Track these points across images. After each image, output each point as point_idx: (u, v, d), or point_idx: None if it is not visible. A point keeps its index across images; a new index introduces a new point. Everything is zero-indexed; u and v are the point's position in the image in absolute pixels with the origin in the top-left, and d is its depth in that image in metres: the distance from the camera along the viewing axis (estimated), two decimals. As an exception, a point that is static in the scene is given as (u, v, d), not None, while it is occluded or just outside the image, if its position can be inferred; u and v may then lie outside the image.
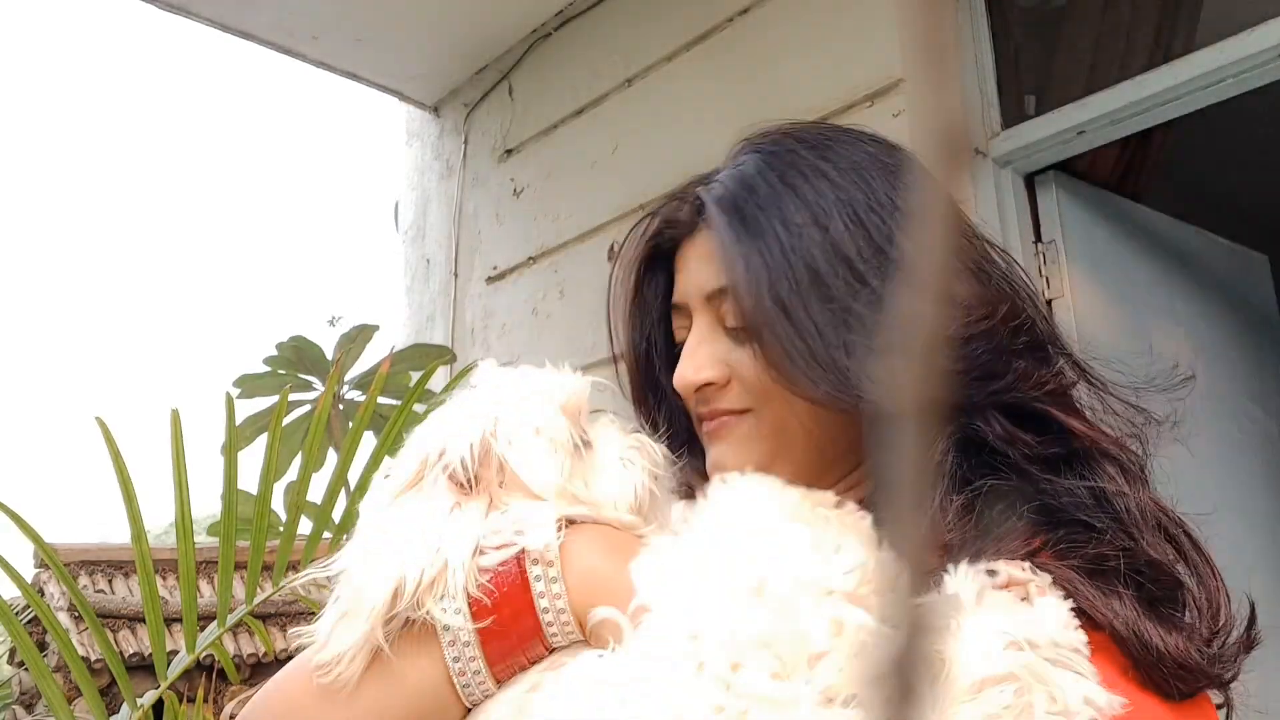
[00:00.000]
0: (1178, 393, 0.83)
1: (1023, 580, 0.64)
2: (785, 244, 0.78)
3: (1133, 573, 0.69)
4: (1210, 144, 2.96)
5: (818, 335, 0.75)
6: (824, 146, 0.84)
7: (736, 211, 0.82)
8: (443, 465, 0.75)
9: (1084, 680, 0.59)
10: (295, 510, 1.81)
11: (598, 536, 0.73)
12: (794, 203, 0.80)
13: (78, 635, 4.84)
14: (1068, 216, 2.18)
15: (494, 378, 0.81)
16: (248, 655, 5.15)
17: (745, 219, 0.81)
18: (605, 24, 2.89)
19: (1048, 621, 0.60)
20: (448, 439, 0.76)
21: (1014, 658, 0.57)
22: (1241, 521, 2.34)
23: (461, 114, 3.35)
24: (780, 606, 0.60)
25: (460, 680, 0.69)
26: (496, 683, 0.70)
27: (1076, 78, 2.22)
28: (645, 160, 2.64)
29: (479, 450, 0.75)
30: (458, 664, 0.69)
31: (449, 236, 3.32)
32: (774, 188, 0.82)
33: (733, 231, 0.81)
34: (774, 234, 0.79)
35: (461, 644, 0.69)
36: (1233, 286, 2.62)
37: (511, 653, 0.69)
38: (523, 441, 0.75)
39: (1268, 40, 1.84)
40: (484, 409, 0.78)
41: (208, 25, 3.04)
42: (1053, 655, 0.59)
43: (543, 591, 0.69)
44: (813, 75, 2.31)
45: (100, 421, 1.66)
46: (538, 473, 0.74)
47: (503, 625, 0.69)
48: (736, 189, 0.83)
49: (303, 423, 3.51)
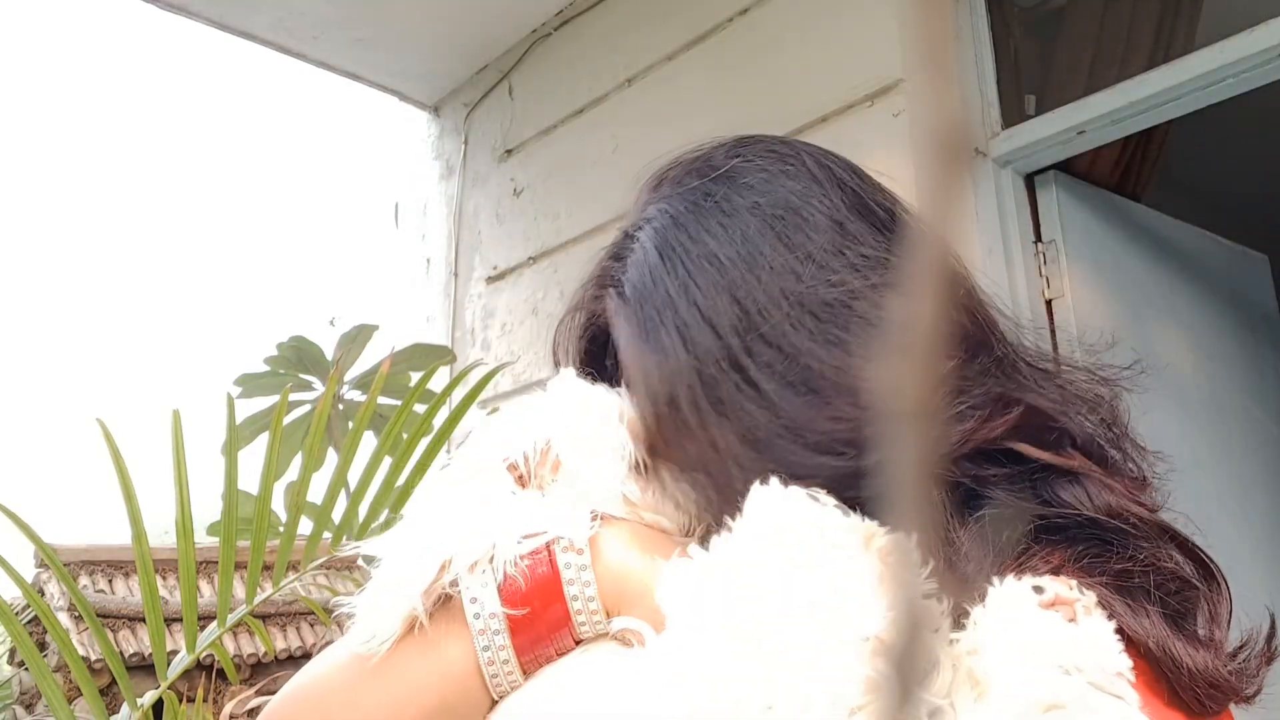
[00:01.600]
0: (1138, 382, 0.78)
1: (1070, 600, 0.60)
2: (676, 352, 0.73)
3: (1155, 587, 0.66)
4: (1210, 144, 2.96)
5: (711, 447, 0.72)
6: (721, 203, 0.77)
7: (631, 320, 0.78)
8: (502, 458, 0.76)
9: (1127, 708, 0.56)
10: (296, 510, 1.81)
11: (629, 531, 0.73)
12: (683, 299, 0.74)
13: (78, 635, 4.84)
14: (1068, 216, 2.18)
15: (566, 387, 0.81)
16: (248, 655, 5.14)
17: (641, 323, 0.76)
18: (605, 24, 2.90)
19: (1094, 644, 0.57)
20: (513, 436, 0.77)
21: (1062, 683, 0.55)
22: (1241, 521, 2.34)
23: (461, 114, 3.35)
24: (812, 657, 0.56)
25: (489, 670, 0.69)
26: (524, 674, 0.70)
27: (1076, 78, 2.23)
28: (645, 160, 2.64)
29: (539, 448, 0.75)
30: (487, 653, 0.69)
31: (449, 236, 3.32)
32: (663, 280, 0.76)
33: (630, 344, 0.77)
34: (667, 339, 0.74)
35: (492, 632, 0.69)
36: (1233, 286, 2.62)
37: (540, 642, 0.69)
38: (584, 448, 0.76)
39: (1268, 40, 1.84)
40: (552, 414, 0.78)
41: (208, 25, 3.04)
42: (1098, 680, 0.56)
43: (572, 579, 0.69)
44: (813, 75, 2.31)
45: (100, 422, 1.66)
46: (591, 479, 0.75)
47: (534, 614, 0.69)
48: (631, 288, 0.79)
49: (303, 423, 3.51)
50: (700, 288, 0.74)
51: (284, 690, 0.77)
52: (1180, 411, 2.30)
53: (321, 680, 0.75)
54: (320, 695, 0.75)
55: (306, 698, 0.75)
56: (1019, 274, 2.09)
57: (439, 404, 1.87)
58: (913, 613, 0.21)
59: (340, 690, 0.73)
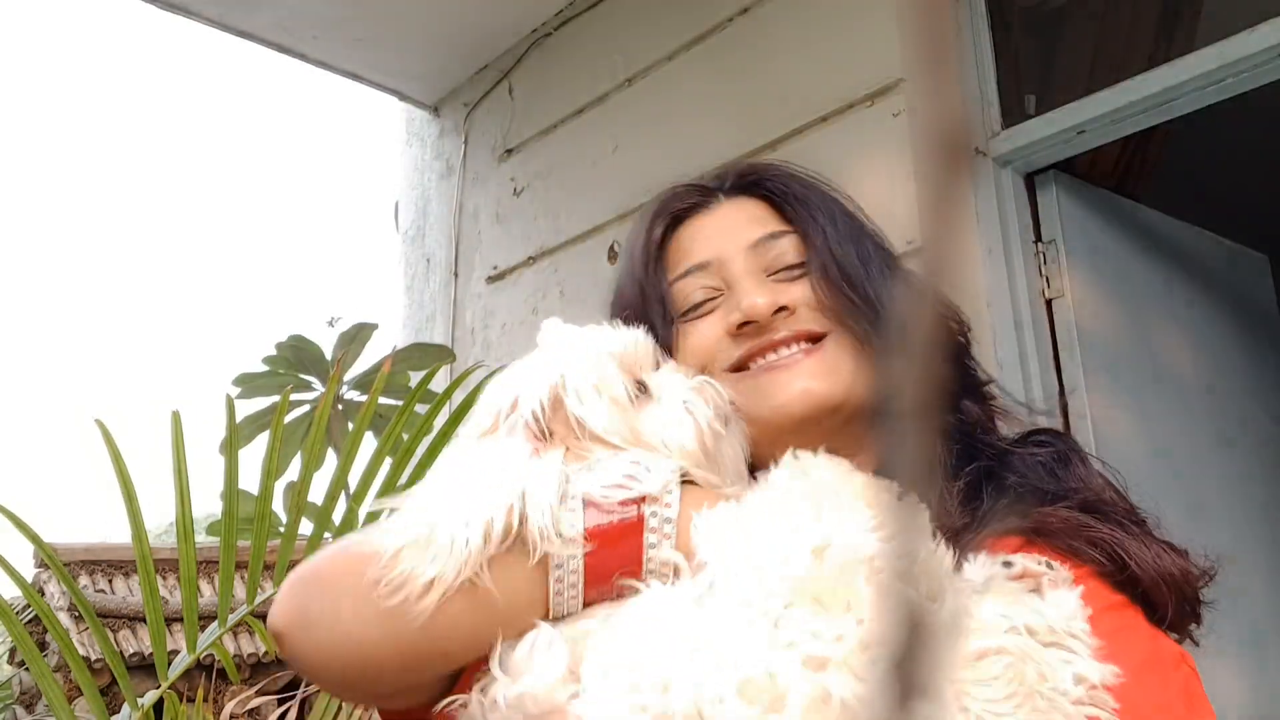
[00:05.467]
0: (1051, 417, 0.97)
1: (1037, 573, 0.70)
2: (831, 204, 0.94)
3: (1115, 511, 0.80)
4: (1210, 144, 2.96)
5: (866, 276, 0.88)
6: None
7: (789, 178, 0.96)
8: (516, 417, 0.79)
9: (1078, 659, 0.65)
10: (296, 510, 1.81)
11: (708, 497, 0.78)
12: (823, 187, 0.97)
13: (78, 635, 4.84)
14: (1068, 216, 2.18)
15: (558, 335, 0.85)
16: (248, 655, 5.14)
17: (801, 182, 0.96)
18: (605, 24, 2.90)
19: (1053, 611, 0.67)
20: (519, 393, 0.80)
21: (1009, 640, 0.65)
22: (1241, 520, 2.34)
23: (461, 114, 3.35)
24: (837, 571, 0.65)
25: (555, 588, 0.73)
26: (584, 604, 0.73)
27: (1076, 77, 2.23)
28: (645, 160, 2.64)
29: (549, 403, 0.79)
30: (559, 585, 0.73)
31: (449, 236, 3.32)
32: (800, 175, 0.98)
33: (796, 184, 0.95)
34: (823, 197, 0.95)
35: (568, 555, 0.73)
36: (1233, 286, 2.62)
37: (611, 570, 0.73)
38: (587, 396, 0.80)
39: (1268, 40, 1.84)
40: (550, 365, 0.82)
41: (208, 25, 3.04)
42: (1049, 639, 0.65)
43: (655, 528, 0.74)
44: (813, 75, 2.31)
45: (100, 422, 1.66)
46: (605, 424, 0.79)
47: (610, 542, 0.73)
48: (771, 167, 0.98)
49: (303, 422, 3.51)
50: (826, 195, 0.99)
51: (287, 592, 0.78)
52: (1180, 411, 2.31)
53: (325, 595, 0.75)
54: (321, 616, 0.75)
55: (307, 608, 0.76)
56: (1019, 274, 2.09)
57: (440, 404, 1.87)
58: (913, 612, 0.21)
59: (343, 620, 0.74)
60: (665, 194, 0.99)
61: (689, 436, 0.80)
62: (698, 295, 0.91)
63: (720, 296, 0.91)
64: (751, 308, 0.86)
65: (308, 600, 0.77)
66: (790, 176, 0.96)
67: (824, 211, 0.92)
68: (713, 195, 0.97)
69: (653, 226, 0.96)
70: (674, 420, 0.80)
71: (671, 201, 0.98)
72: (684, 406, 0.81)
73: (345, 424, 3.49)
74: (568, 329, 0.85)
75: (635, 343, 0.84)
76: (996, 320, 2.02)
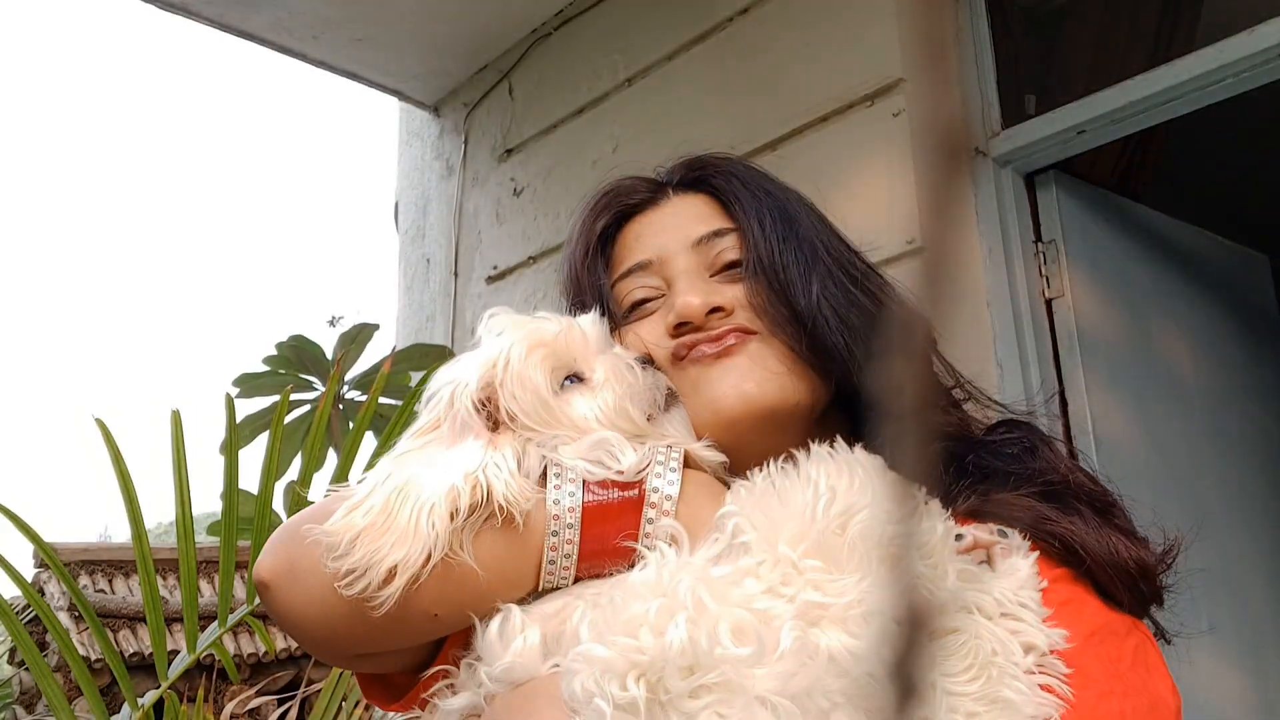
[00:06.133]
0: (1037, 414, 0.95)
1: (988, 543, 0.71)
2: (779, 203, 0.91)
3: (1078, 496, 0.80)
4: (1210, 144, 2.96)
5: (802, 280, 0.87)
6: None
7: (733, 175, 0.94)
8: (475, 404, 0.80)
9: (1026, 628, 0.68)
10: (296, 510, 1.81)
11: (707, 481, 0.81)
12: (771, 184, 0.94)
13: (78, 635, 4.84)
14: (1068, 216, 2.18)
15: (497, 326, 0.85)
16: (248, 655, 5.14)
17: (744, 180, 0.93)
18: (605, 24, 2.90)
19: (1003, 583, 0.69)
20: (455, 388, 0.81)
21: (961, 619, 0.67)
22: (1241, 520, 2.34)
23: (461, 114, 3.35)
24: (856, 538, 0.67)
25: (549, 557, 0.74)
26: (575, 579, 0.74)
27: (1076, 77, 2.23)
28: (645, 160, 2.63)
29: (484, 396, 0.80)
30: (553, 554, 0.74)
31: (449, 236, 3.32)
32: (752, 169, 0.96)
33: (737, 182, 0.93)
34: (769, 194, 0.92)
35: (565, 525, 0.74)
36: (1233, 286, 2.62)
37: (608, 543, 0.74)
38: (510, 388, 0.80)
39: (1268, 40, 1.84)
40: (484, 359, 0.83)
41: (208, 25, 3.04)
42: (996, 612, 0.68)
43: (655, 504, 0.75)
44: (813, 75, 2.31)
45: (100, 422, 1.66)
46: (529, 414, 0.80)
47: (608, 517, 0.74)
48: (721, 162, 0.96)
49: (303, 422, 3.51)
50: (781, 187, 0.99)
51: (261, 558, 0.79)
52: (1180, 411, 2.30)
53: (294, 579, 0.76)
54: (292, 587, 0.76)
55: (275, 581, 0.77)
56: (1019, 274, 2.09)
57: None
58: (913, 611, 0.21)
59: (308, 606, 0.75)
60: (611, 186, 0.98)
61: (620, 422, 0.81)
62: (638, 294, 0.92)
63: (662, 296, 0.91)
64: (685, 307, 0.87)
65: (296, 551, 0.77)
66: (735, 174, 0.95)
67: (769, 210, 0.90)
68: (662, 190, 0.97)
69: (595, 221, 0.96)
70: (604, 406, 0.81)
71: (618, 196, 0.97)
72: (615, 393, 0.82)
73: (345, 424, 3.49)
74: (510, 319, 0.85)
75: (576, 330, 0.84)
76: (996, 320, 2.02)
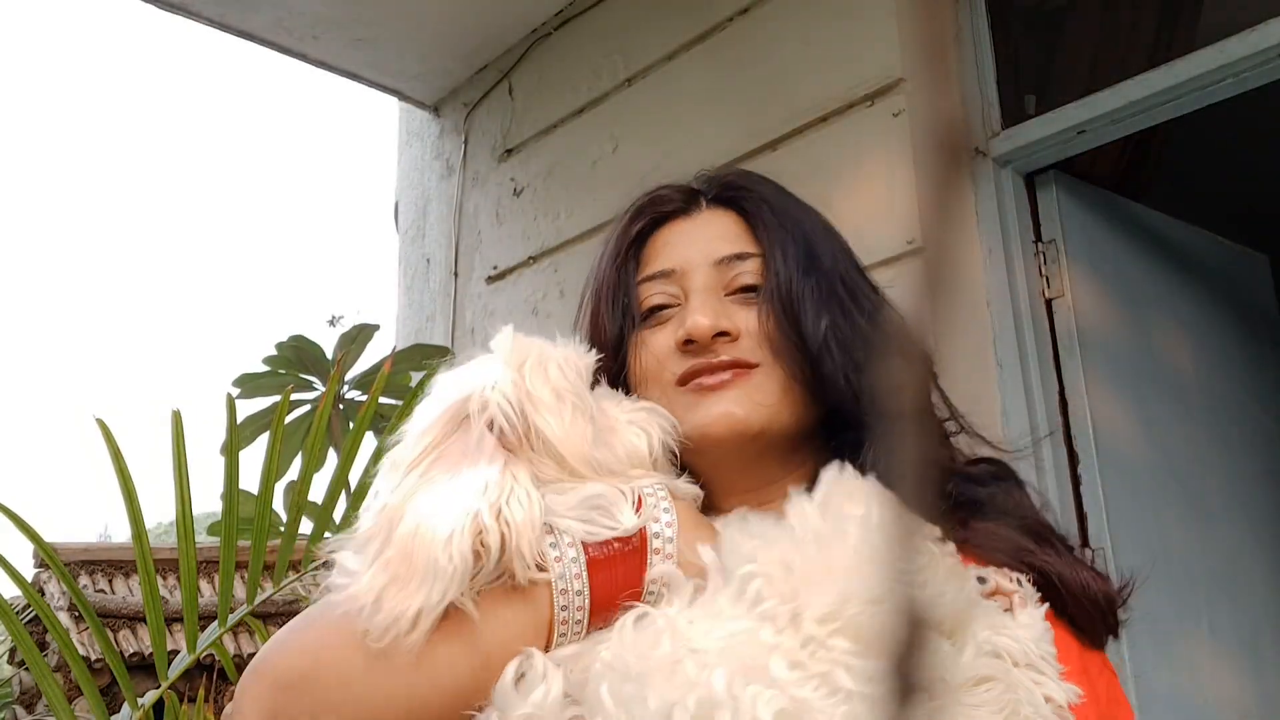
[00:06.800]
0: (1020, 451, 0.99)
1: (1009, 591, 0.73)
2: (805, 233, 0.92)
3: (1051, 532, 0.85)
4: (1210, 144, 2.96)
5: (816, 318, 0.87)
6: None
7: (764, 201, 0.95)
8: (486, 422, 0.77)
9: (1047, 681, 0.69)
10: (296, 510, 1.81)
11: (688, 512, 0.81)
12: (800, 211, 0.95)
13: (78, 635, 4.85)
14: (1068, 216, 2.18)
15: (513, 343, 0.83)
16: (248, 655, 5.13)
17: (773, 207, 0.94)
18: (605, 24, 2.90)
19: (1026, 634, 0.70)
20: (486, 398, 0.78)
21: (994, 665, 0.68)
22: (1241, 520, 2.34)
23: (461, 114, 3.35)
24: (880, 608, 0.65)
25: (560, 617, 0.73)
26: (587, 634, 0.74)
27: (1077, 77, 2.22)
28: (645, 160, 2.64)
29: (518, 411, 0.78)
30: (564, 597, 0.73)
31: (449, 236, 3.32)
32: (783, 194, 0.97)
33: (767, 208, 0.94)
34: (796, 224, 0.93)
35: (573, 592, 0.73)
36: (1233, 286, 2.62)
37: (617, 594, 0.73)
38: (552, 407, 0.79)
39: (1268, 40, 1.84)
40: (511, 372, 0.80)
41: (208, 25, 3.04)
42: (1024, 663, 0.69)
43: (658, 549, 0.75)
44: (813, 75, 2.31)
45: (100, 422, 1.66)
46: (569, 440, 0.78)
47: (613, 565, 0.74)
48: (754, 185, 0.97)
49: (303, 423, 3.51)
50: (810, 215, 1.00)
51: (271, 657, 0.75)
52: (1180, 411, 2.30)
53: (320, 664, 0.72)
54: (317, 679, 0.72)
55: (299, 681, 0.72)
56: (1019, 274, 2.09)
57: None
58: (913, 611, 0.21)
59: (341, 681, 0.71)
60: (653, 192, 1.00)
61: (643, 452, 0.81)
62: (657, 299, 0.93)
63: (678, 306, 0.92)
64: (694, 326, 0.87)
65: (313, 638, 0.75)
66: (766, 198, 0.96)
67: (794, 239, 0.91)
68: (696, 202, 0.98)
69: (632, 223, 0.98)
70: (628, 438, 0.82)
71: (656, 203, 0.99)
72: (629, 425, 0.82)
73: (345, 424, 3.49)
74: (523, 339, 0.84)
75: (588, 361, 0.85)
76: (996, 320, 2.02)
